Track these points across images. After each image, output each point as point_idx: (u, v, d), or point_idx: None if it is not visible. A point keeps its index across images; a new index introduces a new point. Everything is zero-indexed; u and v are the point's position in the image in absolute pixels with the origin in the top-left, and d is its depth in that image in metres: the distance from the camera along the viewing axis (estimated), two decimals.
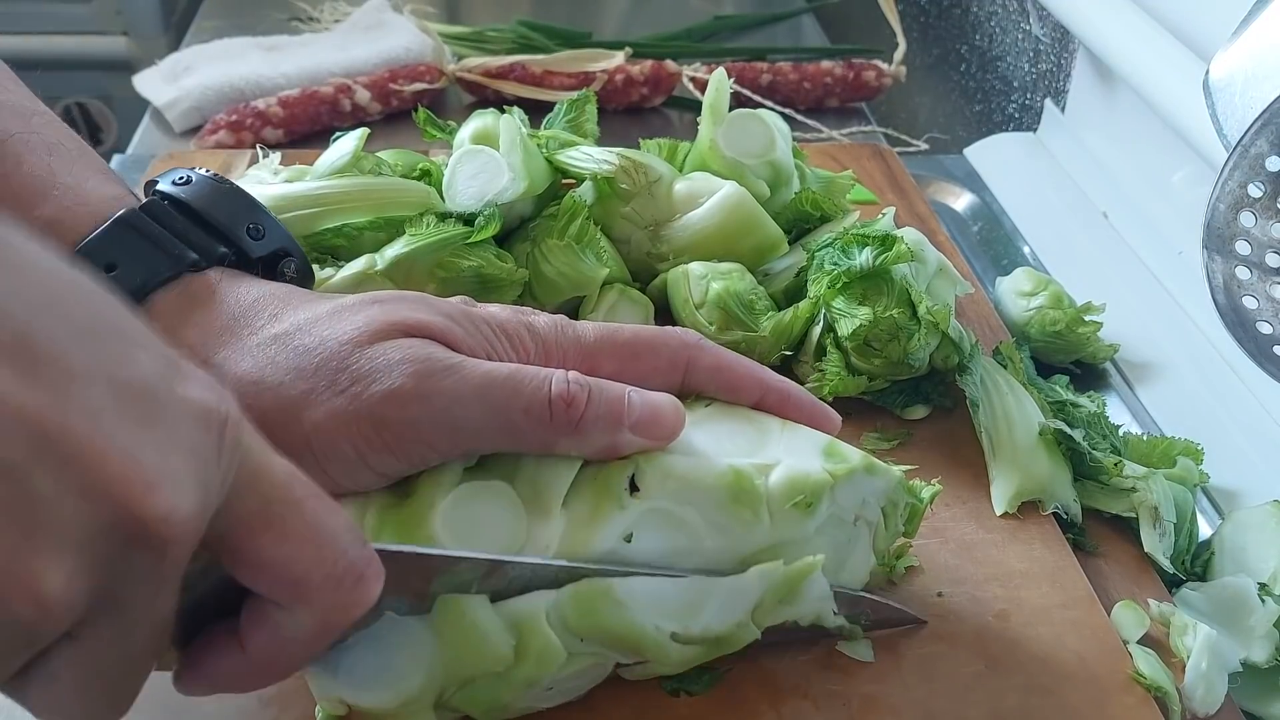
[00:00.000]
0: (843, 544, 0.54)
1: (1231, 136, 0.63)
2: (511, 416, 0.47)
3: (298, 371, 0.47)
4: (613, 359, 0.52)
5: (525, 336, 0.51)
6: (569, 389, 0.48)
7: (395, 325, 0.48)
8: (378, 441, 0.46)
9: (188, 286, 0.50)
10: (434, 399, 0.46)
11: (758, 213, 0.75)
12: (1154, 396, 0.81)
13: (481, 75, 1.12)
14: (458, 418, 0.47)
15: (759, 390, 0.54)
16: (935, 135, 1.19)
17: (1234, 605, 0.60)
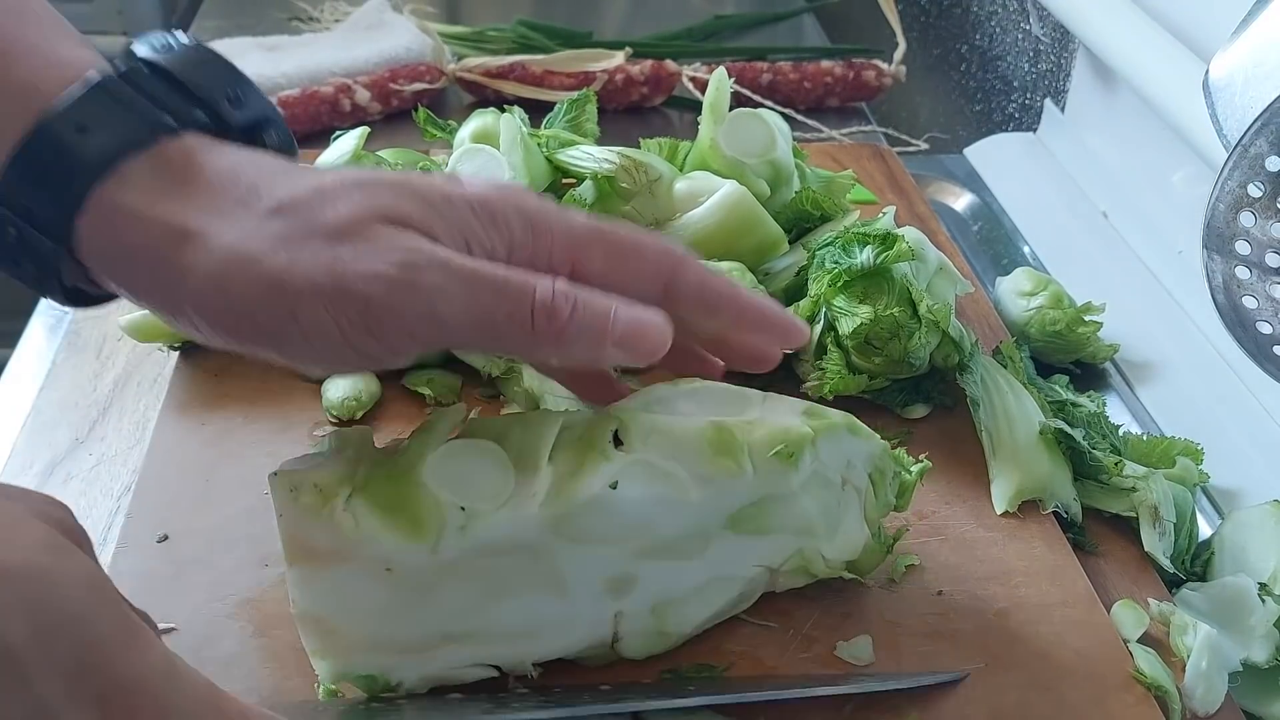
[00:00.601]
0: (832, 507, 0.55)
1: (1231, 136, 0.63)
2: (494, 319, 0.47)
3: (284, 244, 0.46)
4: (601, 256, 0.50)
5: (512, 219, 0.49)
6: (553, 299, 0.47)
7: (384, 213, 0.47)
8: (360, 323, 0.46)
9: (162, 152, 0.48)
10: (419, 290, 0.46)
11: (758, 212, 0.75)
12: (1154, 396, 0.81)
13: (481, 75, 1.12)
14: (441, 312, 0.46)
15: (733, 311, 0.53)
16: (935, 135, 1.19)
17: (1234, 605, 0.60)
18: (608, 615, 0.52)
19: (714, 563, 0.53)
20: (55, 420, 0.70)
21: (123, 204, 0.47)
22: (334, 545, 0.49)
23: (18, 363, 0.78)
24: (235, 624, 0.56)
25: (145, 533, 0.60)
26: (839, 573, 0.56)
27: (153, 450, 0.65)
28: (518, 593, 0.50)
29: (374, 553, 0.49)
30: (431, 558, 0.49)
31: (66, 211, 0.47)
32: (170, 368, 0.72)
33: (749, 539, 0.53)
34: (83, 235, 0.47)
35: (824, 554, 0.55)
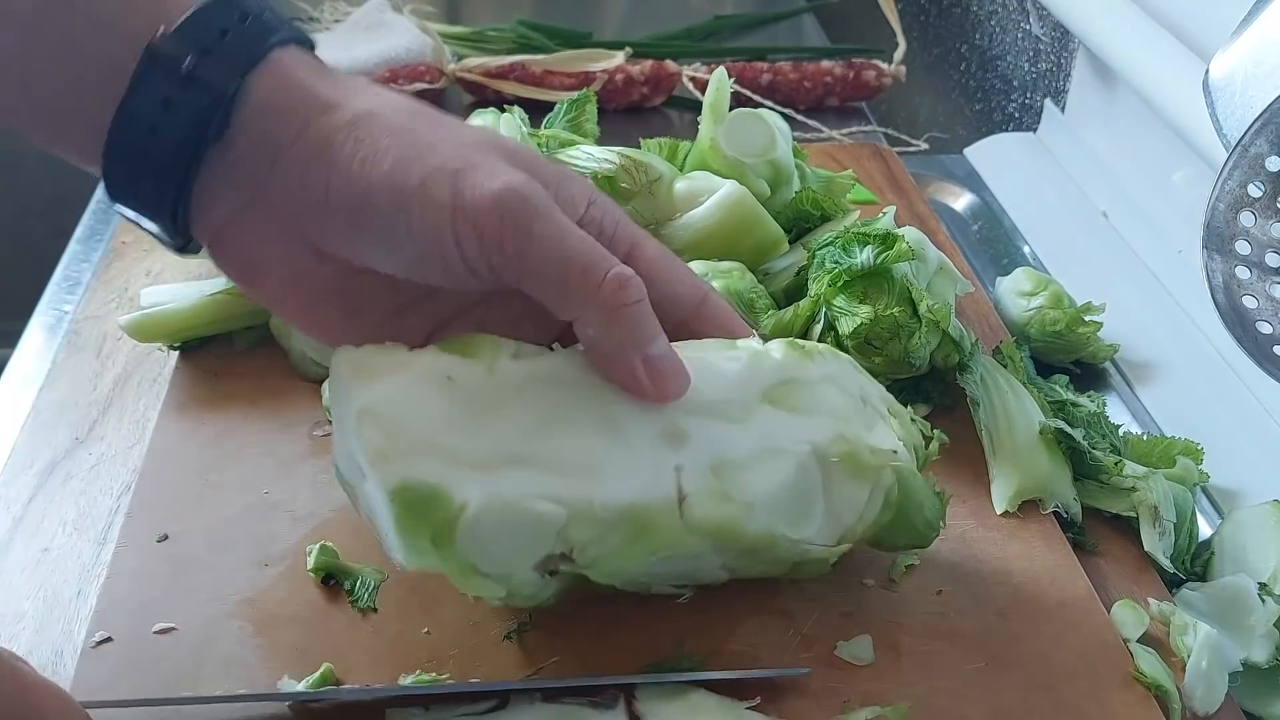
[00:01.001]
0: (858, 409, 0.57)
1: (1231, 136, 0.63)
2: (572, 266, 0.50)
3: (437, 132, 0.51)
4: (655, 251, 0.55)
5: (588, 188, 0.55)
6: (625, 274, 0.50)
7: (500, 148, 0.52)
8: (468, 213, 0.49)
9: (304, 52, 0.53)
10: (528, 203, 0.49)
11: (758, 212, 0.75)
12: (1154, 396, 0.81)
13: (481, 75, 1.12)
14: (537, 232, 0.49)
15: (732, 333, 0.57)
16: (935, 135, 1.19)
17: (1234, 605, 0.60)
18: (668, 465, 0.52)
19: (762, 432, 0.54)
20: (55, 420, 0.70)
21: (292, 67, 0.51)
22: (396, 360, 0.51)
23: (18, 363, 0.78)
24: (235, 624, 0.56)
25: (145, 532, 0.60)
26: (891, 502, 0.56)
27: (152, 450, 0.65)
28: (574, 426, 0.51)
29: (435, 364, 0.51)
30: (489, 377, 0.51)
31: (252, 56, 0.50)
32: (170, 368, 0.72)
33: (787, 415, 0.55)
34: (252, 87, 0.50)
35: (870, 443, 0.55)
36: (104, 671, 0.53)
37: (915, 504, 0.56)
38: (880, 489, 0.55)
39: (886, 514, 0.56)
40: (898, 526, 0.56)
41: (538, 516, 0.49)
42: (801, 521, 0.54)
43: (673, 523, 0.51)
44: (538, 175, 0.52)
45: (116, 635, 0.55)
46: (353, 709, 0.52)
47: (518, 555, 0.50)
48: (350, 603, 0.57)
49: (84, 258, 0.88)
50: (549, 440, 0.51)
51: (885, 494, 0.55)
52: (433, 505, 0.48)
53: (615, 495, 0.50)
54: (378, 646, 0.55)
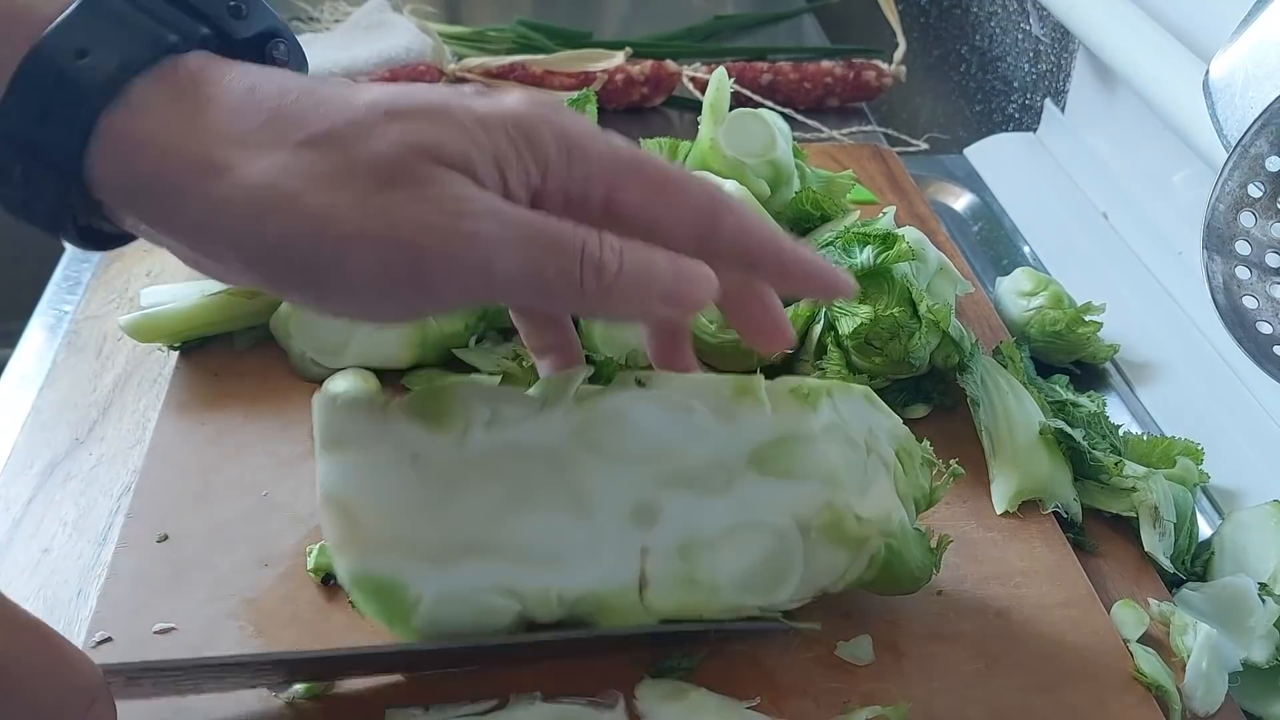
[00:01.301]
0: (858, 466, 0.54)
1: (1231, 136, 0.63)
2: (545, 274, 0.45)
3: (322, 181, 0.43)
4: (639, 187, 0.48)
5: (548, 141, 0.46)
6: (601, 254, 0.45)
7: (425, 149, 0.44)
8: (411, 273, 0.44)
9: (169, 73, 0.45)
10: (474, 240, 0.44)
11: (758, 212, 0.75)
12: (1154, 396, 0.81)
13: (481, 75, 1.12)
14: (495, 266, 0.44)
15: (777, 262, 0.50)
16: (935, 135, 1.19)
17: (1234, 605, 0.60)
18: (634, 548, 0.51)
19: (740, 504, 0.52)
20: (55, 420, 0.70)
21: (136, 131, 0.44)
22: (365, 432, 0.50)
23: (18, 363, 0.78)
24: (235, 624, 0.56)
25: (145, 533, 0.60)
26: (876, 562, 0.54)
27: (153, 450, 0.65)
28: (542, 504, 0.50)
29: (403, 439, 0.50)
30: (458, 451, 0.50)
31: (75, 143, 0.44)
32: (170, 368, 0.72)
33: (774, 481, 0.52)
34: (95, 168, 0.44)
35: (856, 511, 0.53)
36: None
37: (902, 562, 0.55)
38: (865, 553, 0.54)
39: (870, 573, 0.54)
40: (882, 581, 0.55)
41: (491, 610, 0.50)
42: (772, 590, 0.53)
43: (632, 605, 0.52)
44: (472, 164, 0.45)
45: (116, 635, 0.55)
46: (353, 708, 0.52)
47: (476, 634, 0.51)
48: (350, 603, 0.57)
49: (84, 258, 0.87)
50: (511, 525, 0.50)
51: (870, 557, 0.54)
52: (389, 594, 0.50)
53: (575, 582, 0.51)
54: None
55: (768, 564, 0.53)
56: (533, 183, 0.46)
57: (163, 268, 0.81)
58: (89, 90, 0.43)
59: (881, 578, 0.55)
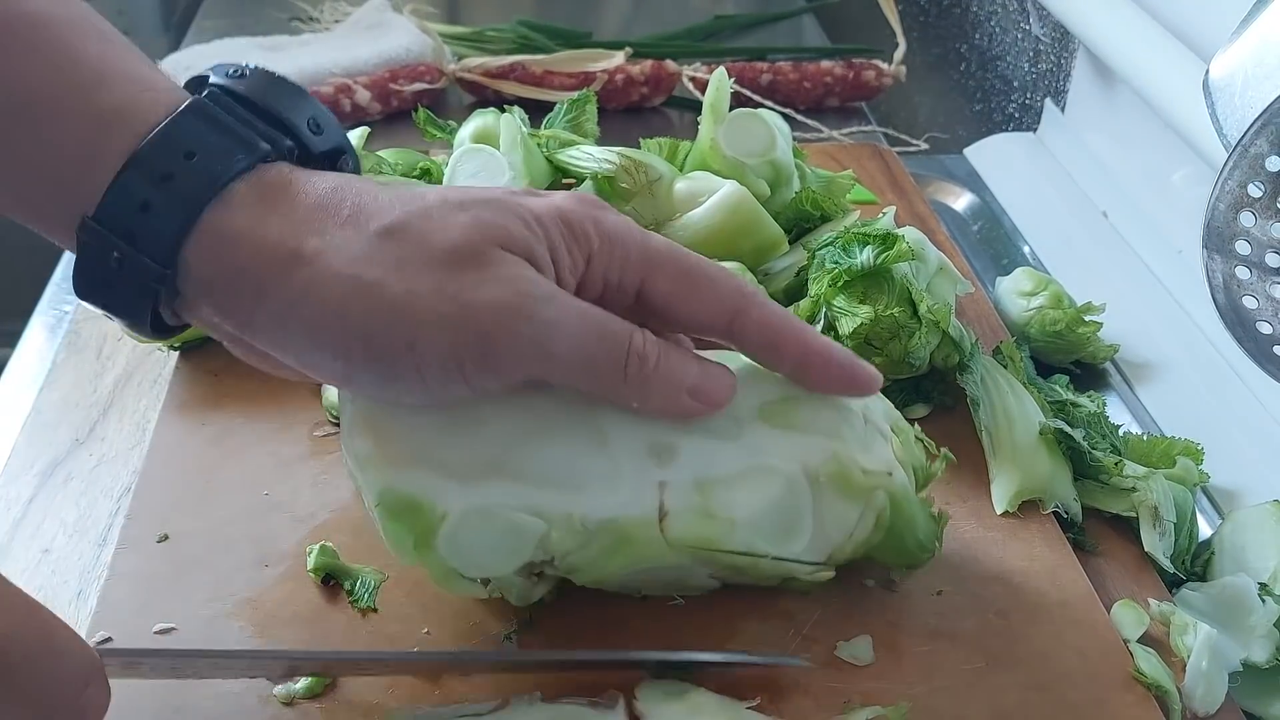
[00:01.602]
0: (858, 427, 0.55)
1: (1231, 136, 0.63)
2: (596, 359, 0.49)
3: (400, 270, 0.47)
4: (670, 278, 0.52)
5: (590, 232, 0.51)
6: (644, 345, 0.50)
7: (492, 236, 0.48)
8: (479, 353, 0.47)
9: (263, 176, 0.49)
10: (538, 323, 0.47)
11: (758, 212, 0.75)
12: (1154, 396, 0.81)
13: (481, 75, 1.12)
14: (555, 347, 0.48)
15: (800, 352, 0.53)
16: (935, 135, 1.19)
17: (1234, 605, 0.60)
18: (652, 481, 0.52)
19: (752, 449, 0.54)
20: (55, 420, 0.70)
21: (230, 227, 0.48)
22: None
23: (18, 363, 0.78)
24: (235, 624, 0.56)
25: (145, 533, 0.60)
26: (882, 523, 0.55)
27: (153, 450, 0.65)
28: (563, 435, 0.52)
29: None
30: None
31: (174, 235, 0.47)
32: (170, 368, 0.72)
33: (782, 433, 0.54)
34: (188, 261, 0.48)
35: (861, 464, 0.54)
36: None
37: (908, 525, 0.56)
38: (872, 509, 0.55)
39: (877, 534, 0.56)
40: (889, 546, 0.56)
41: (516, 527, 0.51)
42: (787, 540, 0.54)
43: (653, 537, 0.52)
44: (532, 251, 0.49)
45: (117, 636, 0.55)
46: (353, 708, 0.52)
47: (497, 562, 0.52)
48: (350, 603, 0.57)
49: None
50: (534, 451, 0.51)
51: (876, 515, 0.55)
52: (415, 513, 0.50)
53: (596, 509, 0.51)
54: (377, 646, 0.55)
55: (780, 508, 0.54)
56: (579, 271, 0.51)
57: None
58: (194, 189, 0.47)
59: (888, 541, 0.56)
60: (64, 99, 0.48)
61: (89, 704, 0.43)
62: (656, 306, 0.52)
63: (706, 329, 0.53)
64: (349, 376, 0.49)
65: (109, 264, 0.48)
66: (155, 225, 0.47)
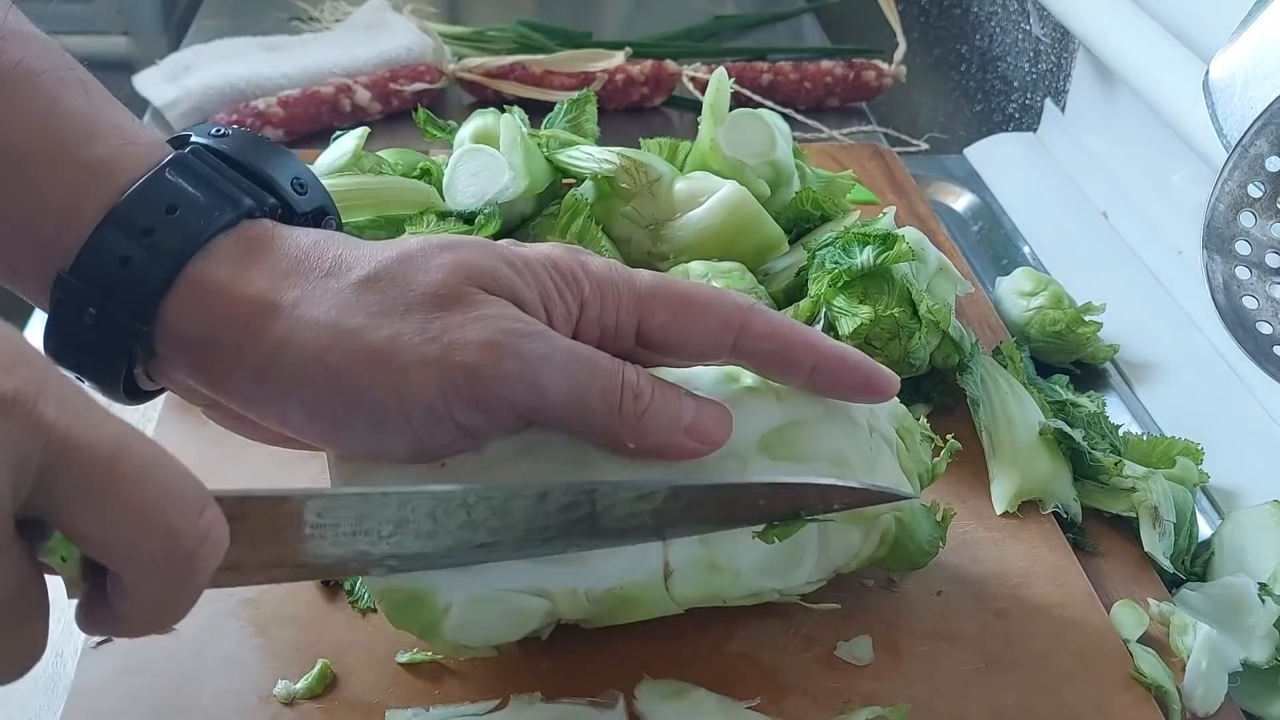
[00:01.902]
0: (863, 445, 0.54)
1: (1231, 136, 0.63)
2: (588, 394, 0.48)
3: (382, 316, 0.46)
4: (666, 309, 0.51)
5: (581, 278, 0.50)
6: (638, 382, 0.49)
7: (475, 277, 0.48)
8: (468, 394, 0.46)
9: (245, 232, 0.48)
10: (526, 359, 0.46)
11: (758, 212, 0.75)
12: (1154, 396, 0.81)
13: (481, 75, 1.12)
14: (545, 383, 0.47)
15: (812, 359, 0.52)
16: (935, 135, 1.19)
17: (1234, 605, 0.60)
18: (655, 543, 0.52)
19: None
20: None
21: (210, 281, 0.47)
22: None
23: None
24: (235, 624, 0.56)
25: None
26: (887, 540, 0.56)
27: None
28: None
29: None
30: (478, 458, 0.49)
31: (156, 290, 0.47)
32: None
33: (785, 465, 0.53)
34: (167, 316, 0.47)
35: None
36: (104, 672, 0.53)
37: (911, 536, 0.56)
38: (876, 530, 0.55)
39: (882, 550, 0.56)
40: (892, 557, 0.57)
41: (521, 609, 0.51)
42: (791, 573, 0.54)
43: (658, 596, 0.53)
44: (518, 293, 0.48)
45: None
46: (353, 708, 0.52)
47: (504, 635, 0.52)
48: (350, 603, 0.57)
49: None
50: None
51: (881, 534, 0.56)
52: (418, 605, 0.50)
53: (600, 580, 0.52)
54: (377, 646, 0.55)
55: (785, 546, 0.53)
56: (573, 318, 0.50)
57: None
58: (176, 243, 0.47)
59: (893, 554, 0.56)
60: (52, 153, 0.47)
61: (209, 526, 0.39)
62: (658, 341, 0.51)
63: (713, 350, 0.52)
64: (334, 430, 0.47)
65: (84, 321, 0.47)
66: (135, 279, 0.46)
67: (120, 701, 0.52)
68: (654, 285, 0.51)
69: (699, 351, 0.52)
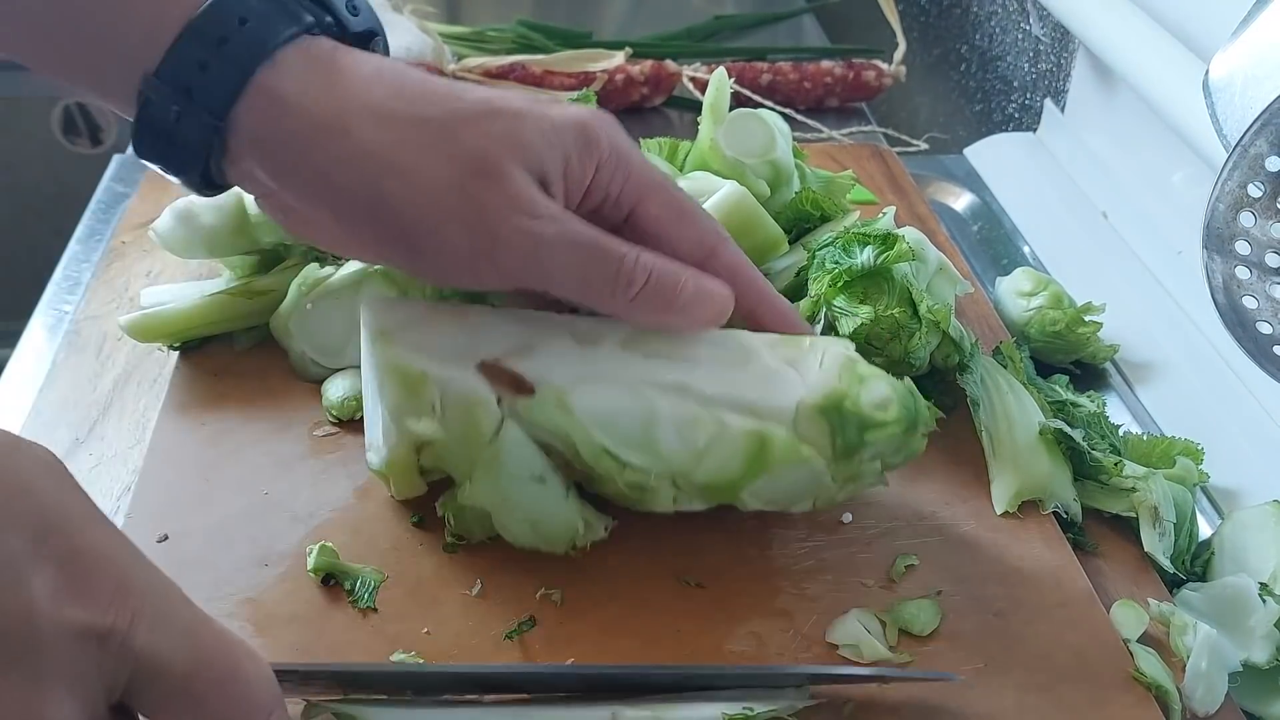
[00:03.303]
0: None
1: (1231, 136, 0.63)
2: (586, 277, 0.55)
3: (432, 162, 0.53)
4: (660, 205, 0.58)
5: (602, 144, 0.56)
6: (635, 266, 0.55)
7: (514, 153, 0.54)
8: (489, 252, 0.53)
9: (309, 48, 0.54)
10: (539, 240, 0.53)
11: (758, 212, 0.75)
12: (1154, 396, 0.81)
13: (481, 75, 1.12)
14: (548, 263, 0.54)
15: (754, 302, 0.60)
16: (935, 135, 1.19)
17: (1234, 605, 0.60)
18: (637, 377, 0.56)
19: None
20: (55, 420, 0.69)
21: (280, 90, 0.53)
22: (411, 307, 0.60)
23: (18, 363, 0.78)
24: (235, 624, 0.56)
25: (145, 533, 0.60)
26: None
27: (152, 450, 0.65)
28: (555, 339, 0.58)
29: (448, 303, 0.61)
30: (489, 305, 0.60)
31: (229, 93, 0.53)
32: (170, 368, 0.72)
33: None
34: (240, 118, 0.53)
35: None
36: None
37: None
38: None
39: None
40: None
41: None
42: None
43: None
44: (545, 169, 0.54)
45: None
46: None
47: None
48: (350, 603, 0.57)
49: (84, 258, 0.87)
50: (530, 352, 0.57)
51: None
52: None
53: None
54: (378, 646, 0.55)
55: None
56: (586, 178, 0.56)
57: (163, 267, 0.81)
58: (247, 51, 0.53)
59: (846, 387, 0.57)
60: None
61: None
62: (644, 229, 0.57)
63: (683, 259, 0.57)
64: (378, 250, 0.56)
65: (168, 118, 0.53)
66: (211, 83, 0.52)
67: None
68: (659, 180, 0.58)
69: (671, 254, 0.57)
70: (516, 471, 0.56)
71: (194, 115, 0.53)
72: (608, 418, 0.55)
